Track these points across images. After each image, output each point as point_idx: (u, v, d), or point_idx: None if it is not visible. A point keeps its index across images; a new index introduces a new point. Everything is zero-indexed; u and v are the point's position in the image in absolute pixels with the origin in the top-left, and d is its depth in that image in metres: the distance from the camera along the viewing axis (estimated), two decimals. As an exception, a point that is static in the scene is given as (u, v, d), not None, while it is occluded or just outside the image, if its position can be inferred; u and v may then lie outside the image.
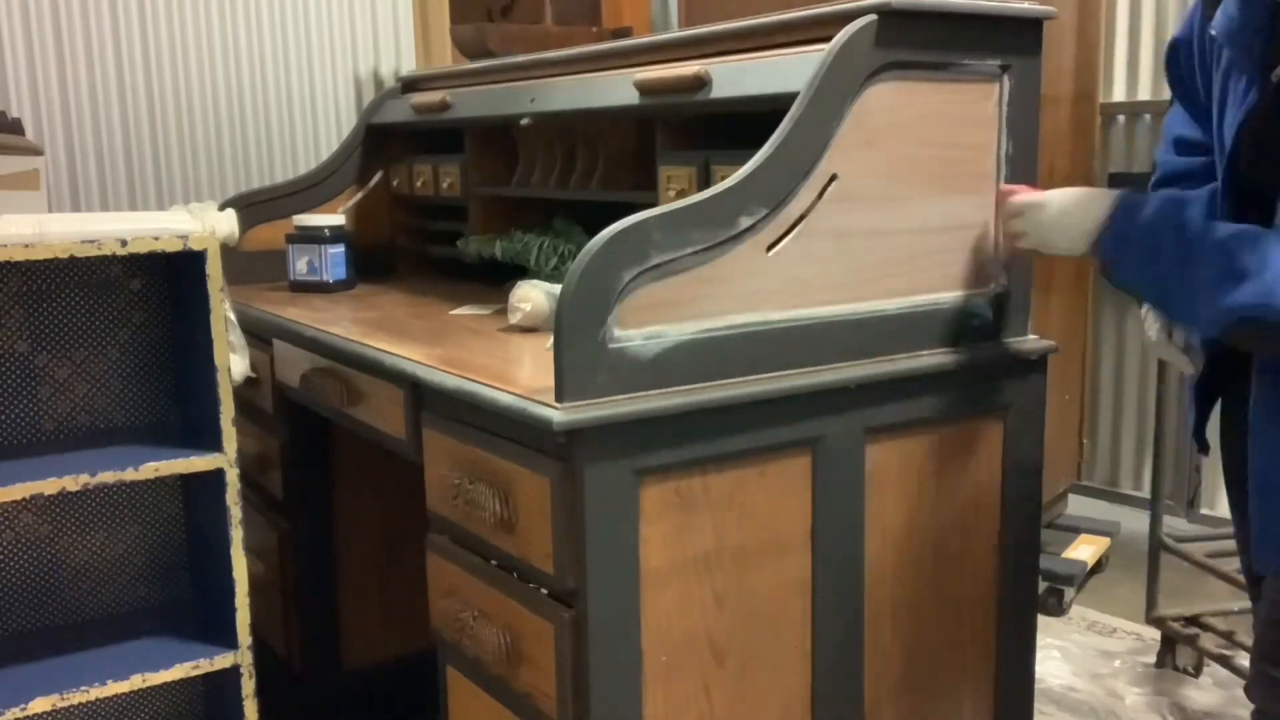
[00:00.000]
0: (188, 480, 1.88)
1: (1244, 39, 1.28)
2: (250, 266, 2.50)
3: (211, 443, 1.68)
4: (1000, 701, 1.72)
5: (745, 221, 1.39)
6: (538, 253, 2.14)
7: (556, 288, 1.67)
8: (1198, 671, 2.65)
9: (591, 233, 1.36)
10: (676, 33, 1.94)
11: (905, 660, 1.60)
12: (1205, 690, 2.60)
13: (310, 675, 2.34)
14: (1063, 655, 2.78)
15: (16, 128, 2.86)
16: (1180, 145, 1.52)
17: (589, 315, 1.29)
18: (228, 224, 1.72)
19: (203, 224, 1.64)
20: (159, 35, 3.37)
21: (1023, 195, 1.53)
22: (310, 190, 2.62)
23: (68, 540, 1.84)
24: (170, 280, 1.84)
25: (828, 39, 1.46)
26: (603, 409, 1.29)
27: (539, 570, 1.36)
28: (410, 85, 2.65)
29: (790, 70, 1.52)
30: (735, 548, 1.41)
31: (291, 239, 2.41)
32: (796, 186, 1.42)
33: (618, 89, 1.86)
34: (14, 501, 1.75)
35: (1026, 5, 1.60)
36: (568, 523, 1.31)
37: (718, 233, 1.37)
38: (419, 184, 2.55)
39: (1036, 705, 1.81)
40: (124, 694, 1.65)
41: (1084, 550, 3.24)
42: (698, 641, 1.40)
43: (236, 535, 1.69)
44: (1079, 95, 3.41)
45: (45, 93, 3.21)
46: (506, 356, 1.64)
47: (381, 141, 2.69)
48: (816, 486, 1.47)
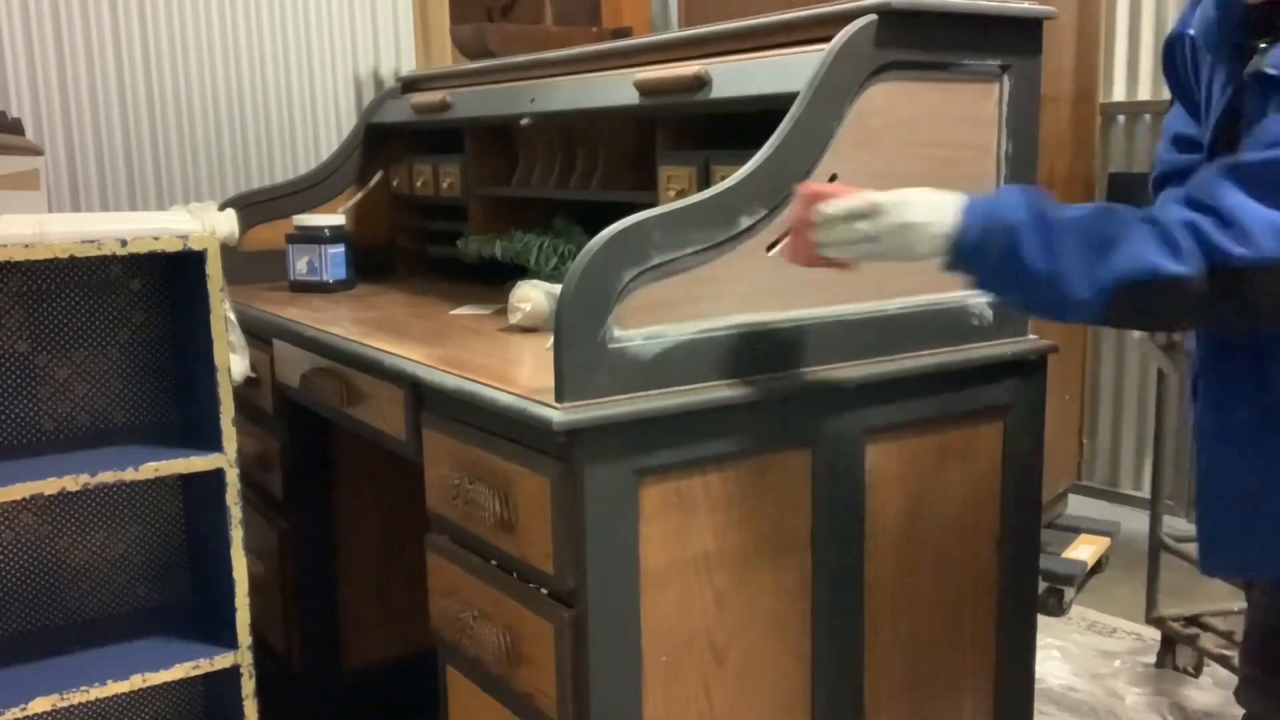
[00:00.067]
0: (188, 480, 1.88)
1: (1219, 37, 1.29)
2: (250, 266, 2.50)
3: (211, 443, 1.68)
4: (1000, 701, 1.72)
5: (745, 221, 1.39)
6: (538, 253, 2.14)
7: (556, 288, 1.67)
8: (1198, 671, 2.65)
9: (591, 233, 1.36)
10: (676, 33, 1.94)
11: (905, 660, 1.60)
12: (1205, 690, 2.59)
13: (310, 675, 2.34)
14: (1063, 655, 2.78)
15: (16, 128, 2.86)
16: (1180, 142, 1.52)
17: (589, 315, 1.29)
18: (228, 224, 1.72)
19: (203, 224, 1.64)
20: (159, 35, 3.37)
21: (849, 198, 1.29)
22: (310, 190, 2.62)
23: (68, 540, 1.84)
24: (170, 280, 1.84)
25: (828, 39, 1.46)
26: (603, 409, 1.29)
27: (539, 570, 1.36)
28: (410, 85, 2.65)
29: (790, 70, 1.52)
30: (735, 548, 1.41)
31: (291, 239, 2.41)
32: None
33: (618, 89, 1.86)
34: (14, 501, 1.75)
35: (1026, 5, 1.60)
36: (568, 523, 1.30)
37: (718, 233, 1.37)
38: (419, 184, 2.55)
39: (1036, 705, 1.80)
40: (124, 694, 1.65)
41: (1084, 550, 3.24)
42: (698, 641, 1.40)
43: (236, 535, 1.69)
44: (1079, 95, 3.41)
45: (45, 93, 3.21)
46: (506, 356, 1.64)
47: (381, 141, 2.69)
48: (816, 487, 1.47)
